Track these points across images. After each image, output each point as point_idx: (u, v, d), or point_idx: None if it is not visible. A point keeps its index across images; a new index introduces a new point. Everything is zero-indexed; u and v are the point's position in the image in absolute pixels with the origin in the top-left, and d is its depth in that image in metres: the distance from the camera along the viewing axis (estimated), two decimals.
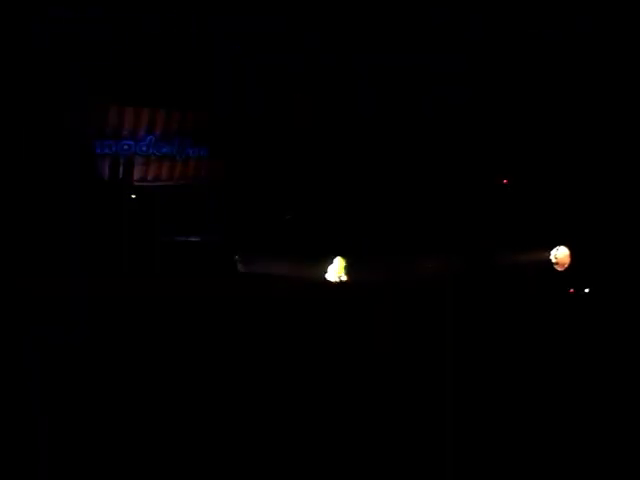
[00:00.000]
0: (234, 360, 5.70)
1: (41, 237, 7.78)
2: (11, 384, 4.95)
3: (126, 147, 9.74)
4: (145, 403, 5.16)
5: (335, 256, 9.12)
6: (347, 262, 8.97)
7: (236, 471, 4.76)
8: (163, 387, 5.32)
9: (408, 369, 6.05)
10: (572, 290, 9.06)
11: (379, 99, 9.84)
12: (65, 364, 5.19)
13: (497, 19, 9.26)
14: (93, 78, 8.78)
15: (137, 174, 9.83)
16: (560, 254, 9.31)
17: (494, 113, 9.83)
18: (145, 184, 9.88)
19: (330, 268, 8.99)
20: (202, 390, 5.37)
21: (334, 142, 9.95)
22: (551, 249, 9.36)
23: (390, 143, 9.96)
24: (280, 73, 9.76)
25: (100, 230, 8.40)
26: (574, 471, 4.97)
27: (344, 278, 8.98)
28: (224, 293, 6.47)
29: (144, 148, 9.85)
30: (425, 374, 5.93)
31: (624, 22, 9.01)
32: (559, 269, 9.26)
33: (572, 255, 9.26)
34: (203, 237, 9.46)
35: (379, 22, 9.28)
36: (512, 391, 5.88)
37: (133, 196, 9.61)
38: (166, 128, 9.92)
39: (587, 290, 8.97)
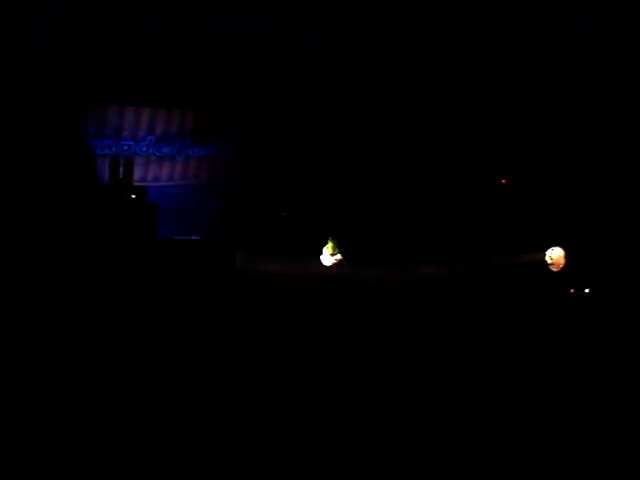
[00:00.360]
0: (234, 359, 5.70)
1: (41, 237, 7.77)
2: (11, 384, 4.95)
3: (126, 147, 9.75)
4: (145, 403, 5.16)
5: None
6: (338, 240, 8.96)
7: (236, 471, 4.75)
8: (163, 387, 5.32)
9: (408, 369, 6.05)
10: (572, 290, 9.06)
11: (379, 99, 9.84)
12: (65, 364, 5.18)
13: (497, 19, 9.26)
14: (93, 78, 8.79)
15: (137, 174, 9.82)
16: (555, 254, 9.28)
17: (494, 113, 9.82)
18: (145, 184, 9.88)
19: (324, 250, 9.00)
20: (202, 390, 5.36)
21: (334, 142, 9.94)
22: (546, 250, 9.35)
23: (390, 143, 9.96)
24: (280, 73, 9.77)
25: (100, 230, 8.39)
26: (574, 471, 4.97)
27: (339, 256, 8.97)
28: (224, 293, 6.46)
29: (144, 148, 9.85)
30: (425, 374, 5.92)
31: (624, 22, 9.01)
32: (554, 269, 9.25)
33: (567, 256, 9.25)
34: (203, 236, 9.45)
35: (379, 22, 9.28)
36: (512, 391, 5.88)
37: (133, 196, 9.60)
38: (166, 128, 9.92)
39: (587, 290, 8.97)
